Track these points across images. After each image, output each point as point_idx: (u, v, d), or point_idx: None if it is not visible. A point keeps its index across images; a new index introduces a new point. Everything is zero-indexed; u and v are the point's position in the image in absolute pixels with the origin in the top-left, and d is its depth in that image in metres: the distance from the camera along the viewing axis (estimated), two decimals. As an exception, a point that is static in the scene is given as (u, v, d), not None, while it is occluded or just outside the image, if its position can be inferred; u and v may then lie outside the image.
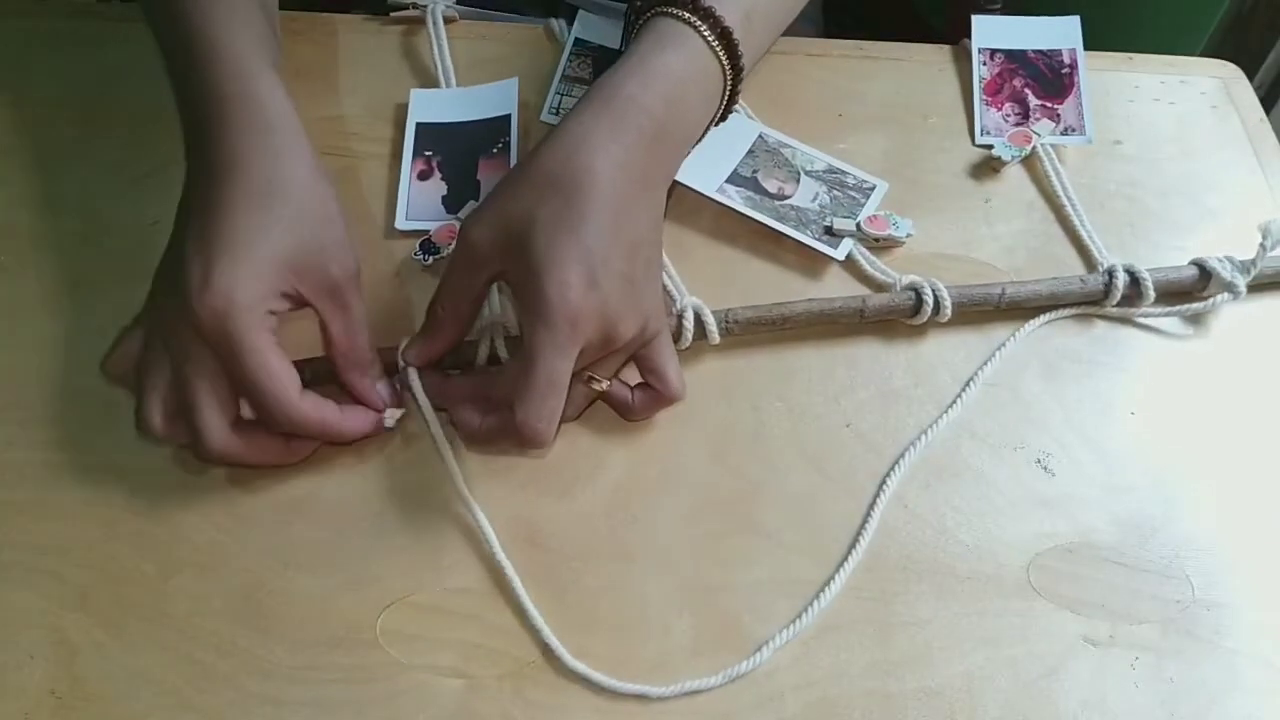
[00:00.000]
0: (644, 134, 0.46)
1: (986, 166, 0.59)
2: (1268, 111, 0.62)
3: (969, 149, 0.59)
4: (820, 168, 0.57)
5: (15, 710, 0.41)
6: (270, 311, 0.42)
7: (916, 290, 0.51)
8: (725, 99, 0.51)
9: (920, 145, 0.60)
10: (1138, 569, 0.46)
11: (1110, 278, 0.52)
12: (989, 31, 0.63)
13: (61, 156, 0.57)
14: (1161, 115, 0.62)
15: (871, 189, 0.56)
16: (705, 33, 0.48)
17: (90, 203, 0.55)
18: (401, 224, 0.54)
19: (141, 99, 0.58)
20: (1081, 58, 0.62)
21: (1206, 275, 0.52)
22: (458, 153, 0.57)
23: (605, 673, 0.42)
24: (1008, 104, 0.61)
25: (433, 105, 0.59)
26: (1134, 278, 0.52)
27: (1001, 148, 0.58)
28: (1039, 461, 0.48)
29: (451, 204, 0.55)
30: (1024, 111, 0.60)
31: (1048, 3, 0.68)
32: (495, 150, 0.57)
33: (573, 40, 0.62)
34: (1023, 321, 0.52)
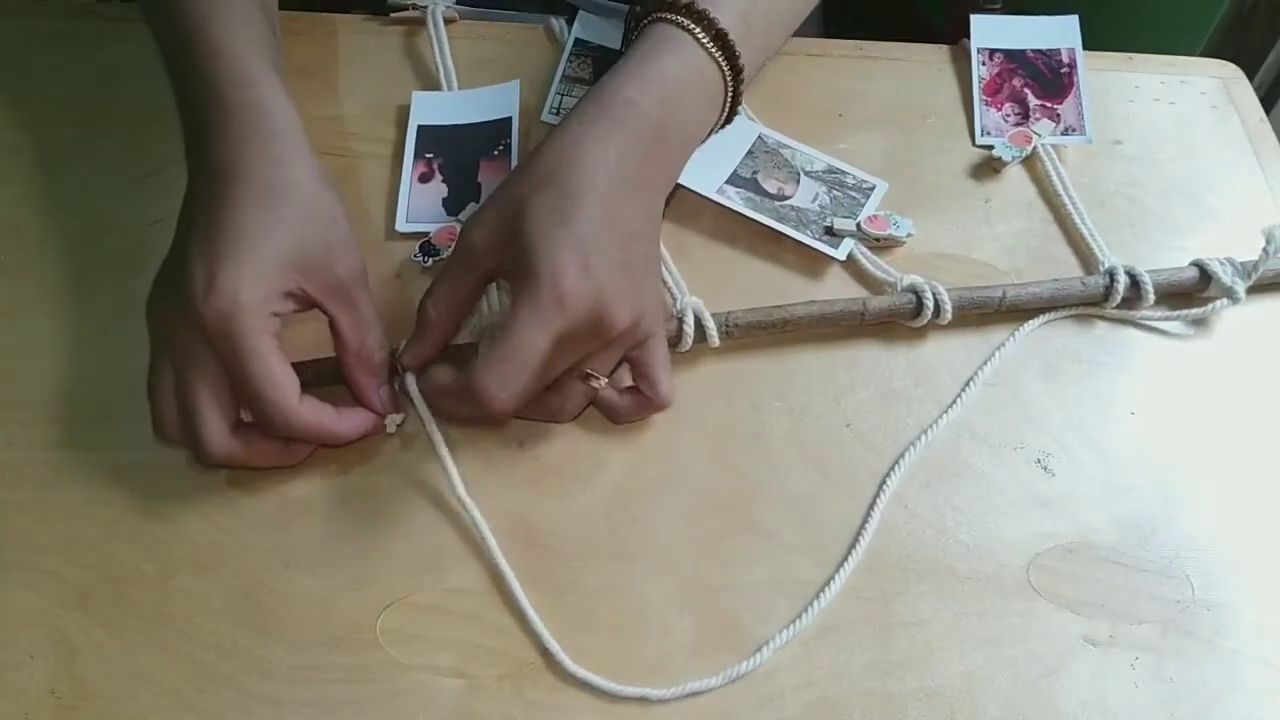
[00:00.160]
0: (641, 136, 0.46)
1: (986, 166, 0.59)
2: (1268, 111, 0.62)
3: (969, 149, 0.59)
4: (820, 168, 0.57)
5: (15, 710, 0.41)
6: (275, 313, 0.43)
7: (917, 293, 0.51)
8: (727, 101, 0.51)
9: (920, 145, 0.59)
10: (1138, 569, 0.46)
11: (1111, 280, 0.52)
12: (988, 31, 0.63)
13: (61, 156, 0.57)
14: (1161, 115, 0.62)
15: (871, 189, 0.56)
16: (700, 36, 0.49)
17: (90, 202, 0.55)
18: (402, 226, 0.54)
19: (141, 99, 0.58)
20: (1080, 57, 0.62)
21: (1207, 277, 0.52)
22: (459, 155, 0.57)
23: (605, 673, 0.42)
24: (1007, 104, 0.61)
25: (434, 108, 0.59)
26: (1134, 280, 0.52)
27: (1002, 148, 0.58)
28: (1039, 461, 0.48)
29: (452, 206, 0.55)
30: (1024, 111, 0.60)
31: (1047, 3, 0.68)
32: (496, 152, 0.57)
33: (573, 41, 0.62)
34: (1022, 322, 0.52)
